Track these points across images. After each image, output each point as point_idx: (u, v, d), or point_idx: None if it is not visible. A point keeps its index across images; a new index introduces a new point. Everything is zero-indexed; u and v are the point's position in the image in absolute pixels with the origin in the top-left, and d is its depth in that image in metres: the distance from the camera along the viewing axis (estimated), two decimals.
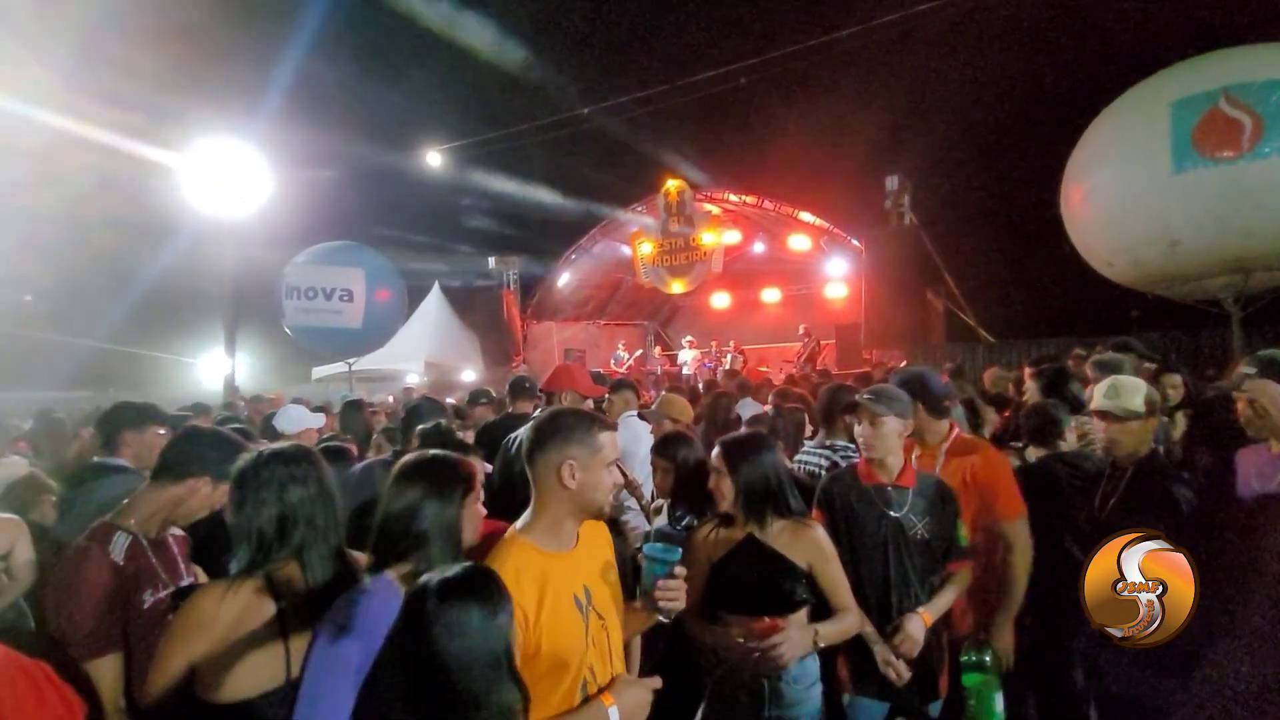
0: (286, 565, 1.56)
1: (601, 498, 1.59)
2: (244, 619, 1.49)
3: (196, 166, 11.56)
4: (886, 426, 2.34)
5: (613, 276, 18.17)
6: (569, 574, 1.58)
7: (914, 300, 12.11)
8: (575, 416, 1.64)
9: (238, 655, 1.47)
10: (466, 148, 14.91)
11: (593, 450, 1.58)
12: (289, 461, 1.60)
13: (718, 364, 14.79)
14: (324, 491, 1.62)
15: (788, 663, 1.94)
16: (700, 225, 14.53)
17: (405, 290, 14.36)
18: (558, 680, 1.50)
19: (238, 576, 1.53)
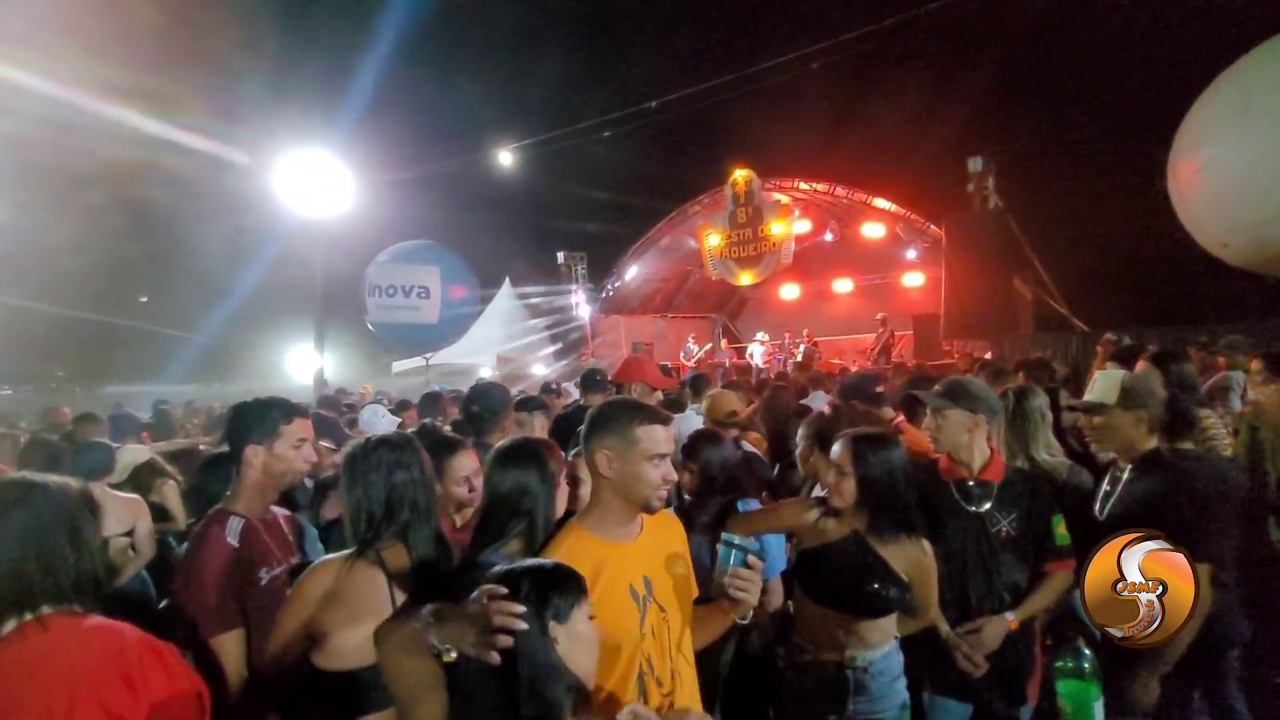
0: (393, 544, 1.66)
1: (644, 490, 1.58)
2: (357, 593, 1.59)
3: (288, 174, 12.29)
4: (950, 420, 2.24)
5: (680, 269, 18.09)
6: (626, 563, 1.59)
7: (999, 288, 11.42)
8: (618, 407, 1.65)
9: (350, 627, 1.56)
10: (535, 146, 15.18)
11: (628, 442, 1.58)
12: (394, 448, 1.70)
13: (788, 356, 14.49)
14: (425, 476, 1.72)
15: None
16: (769, 215, 14.20)
17: (478, 286, 14.82)
18: (609, 665, 1.51)
19: (351, 553, 1.64)
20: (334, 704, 1.59)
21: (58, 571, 1.25)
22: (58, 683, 1.14)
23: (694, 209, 15.71)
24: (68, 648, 1.19)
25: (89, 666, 1.17)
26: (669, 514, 1.83)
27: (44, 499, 1.28)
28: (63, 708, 1.12)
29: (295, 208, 12.48)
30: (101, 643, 1.21)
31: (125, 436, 4.95)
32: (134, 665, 1.19)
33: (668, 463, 1.59)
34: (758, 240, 14.31)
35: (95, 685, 1.15)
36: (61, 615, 1.23)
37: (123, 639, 1.23)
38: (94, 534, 1.32)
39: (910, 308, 14.39)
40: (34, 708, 1.13)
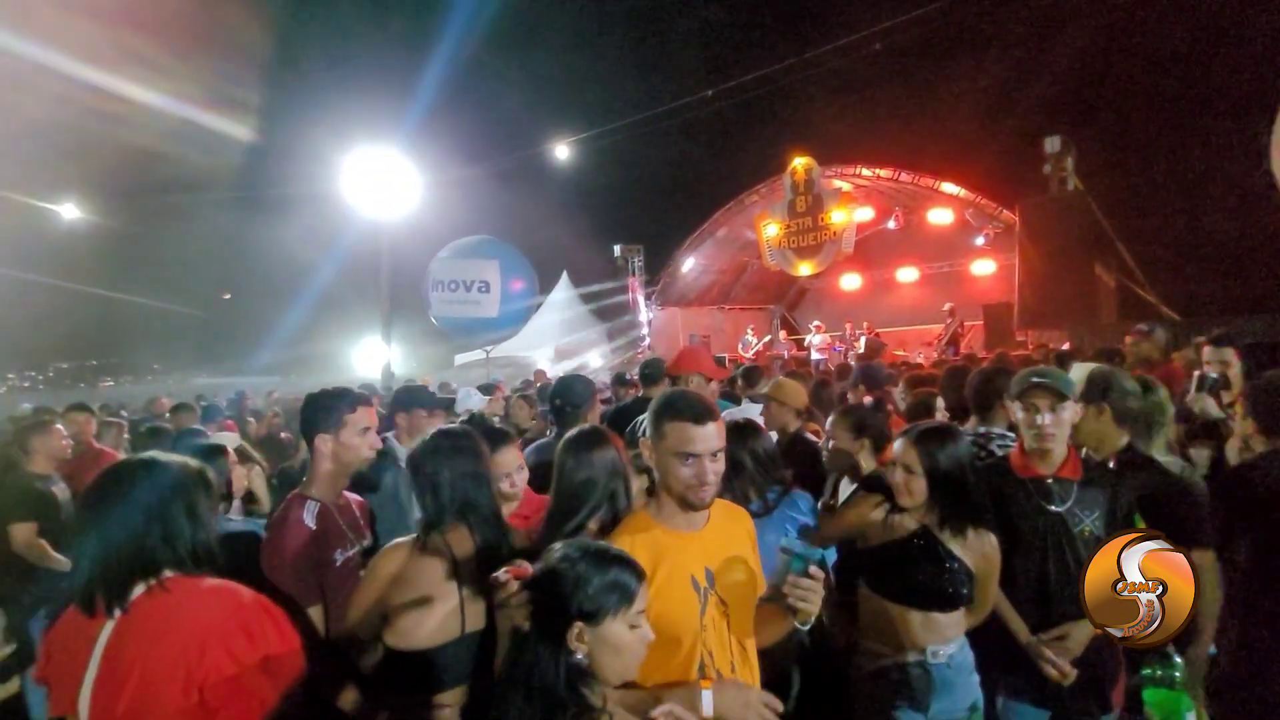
0: (457, 528, 1.74)
1: (675, 485, 1.57)
2: (422, 575, 1.68)
3: (358, 175, 12.80)
4: (1067, 413, 2.12)
5: (737, 260, 17.88)
6: (688, 554, 1.58)
7: (1079, 274, 10.77)
8: (662, 401, 1.65)
9: (417, 608, 1.65)
10: (592, 140, 15.27)
11: (659, 436, 1.58)
12: (453, 438, 1.81)
13: (848, 348, 14.12)
14: (481, 465, 1.81)
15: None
16: (829, 203, 13.83)
17: (536, 279, 15.06)
18: (668, 653, 1.51)
19: (417, 537, 1.73)
20: (406, 682, 1.67)
21: (176, 541, 1.36)
22: (189, 637, 1.27)
23: (751, 199, 15.48)
24: (195, 606, 1.32)
25: (215, 620, 1.29)
26: (738, 508, 1.82)
27: (164, 476, 1.41)
28: (196, 657, 1.24)
29: (365, 207, 12.98)
30: (223, 600, 1.34)
31: (213, 425, 5.29)
32: (251, 619, 1.32)
33: (701, 462, 1.54)
34: (817, 229, 13.97)
35: (222, 636, 1.28)
36: (183, 578, 1.35)
37: (240, 596, 1.35)
38: (208, 507, 1.44)
39: (980, 297, 13.77)
40: (169, 661, 1.25)
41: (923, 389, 4.37)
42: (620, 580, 1.24)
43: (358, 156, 12.82)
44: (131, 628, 1.29)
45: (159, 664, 1.25)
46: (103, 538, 1.34)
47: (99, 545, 1.34)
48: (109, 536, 1.34)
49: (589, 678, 1.21)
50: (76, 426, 4.35)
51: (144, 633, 1.28)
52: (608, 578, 1.22)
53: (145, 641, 1.28)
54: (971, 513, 2.03)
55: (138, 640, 1.28)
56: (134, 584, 1.32)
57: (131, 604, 1.31)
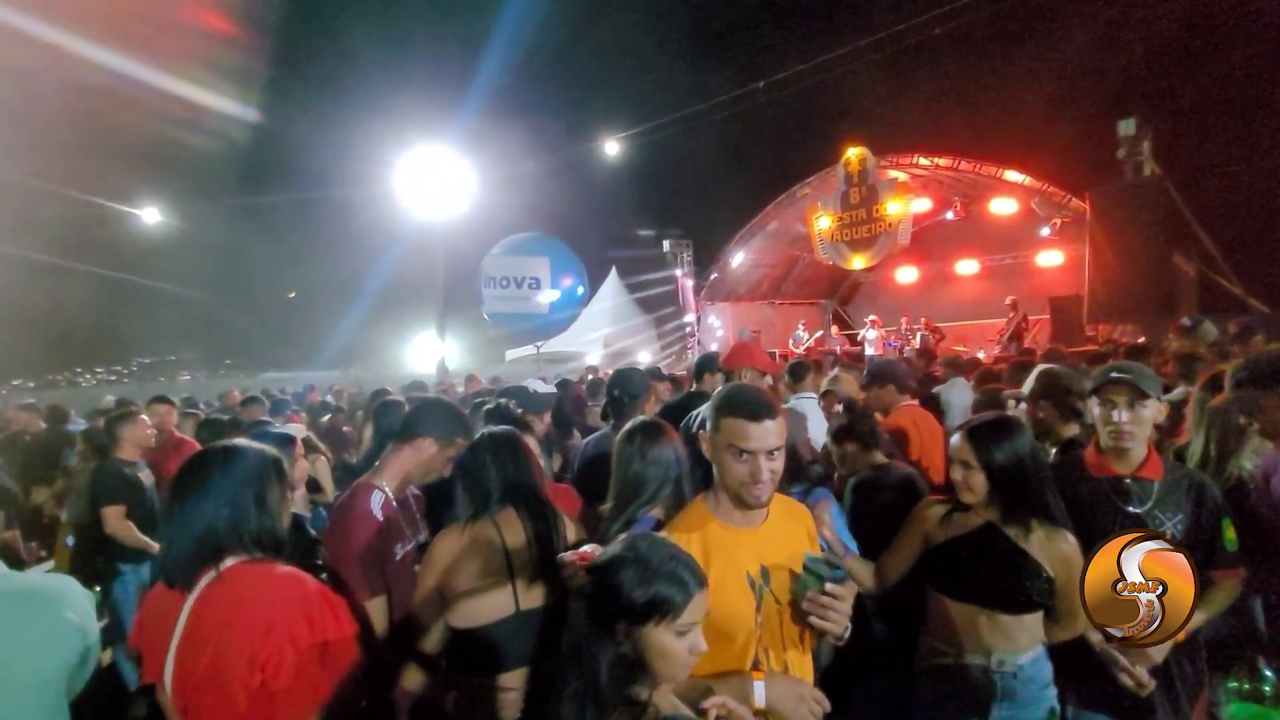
0: (505, 512, 1.81)
1: (730, 481, 1.54)
2: (476, 556, 1.74)
3: (414, 175, 13.17)
4: (1148, 410, 2.00)
5: (788, 254, 17.59)
6: (744, 550, 1.56)
7: (1155, 265, 10.15)
8: (721, 394, 1.62)
9: (474, 588, 1.72)
10: (641, 135, 15.26)
11: (714, 430, 1.56)
12: (498, 431, 1.90)
13: (904, 343, 13.71)
14: (525, 454, 1.88)
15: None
16: (884, 194, 13.44)
17: (586, 275, 15.19)
18: (722, 649, 1.49)
19: (470, 521, 1.81)
20: (469, 662, 1.72)
21: (244, 526, 1.42)
22: (256, 620, 1.32)
23: (803, 191, 15.19)
24: (263, 590, 1.37)
25: (280, 606, 1.34)
26: (800, 506, 1.79)
27: (240, 464, 1.47)
28: (260, 639, 1.30)
29: (420, 207, 13.34)
30: (290, 587, 1.39)
31: (281, 417, 5.53)
32: (313, 607, 1.36)
33: (757, 460, 1.51)
34: (872, 221, 13.59)
35: (286, 622, 1.33)
36: (255, 563, 1.41)
37: (305, 585, 1.40)
38: (278, 497, 1.50)
39: (1045, 289, 13.15)
40: (238, 641, 1.31)
41: (990, 384, 4.22)
42: (664, 594, 1.18)
43: (414, 158, 13.18)
44: (207, 606, 1.36)
45: (229, 643, 1.31)
46: (183, 520, 1.41)
47: (180, 527, 1.41)
48: (188, 519, 1.41)
49: (636, 671, 1.20)
50: (159, 417, 4.61)
51: (217, 612, 1.35)
52: (653, 588, 1.18)
53: (218, 620, 1.33)
54: (1036, 509, 1.93)
55: (212, 618, 1.34)
56: (207, 566, 1.38)
57: (208, 584, 1.37)
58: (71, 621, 1.45)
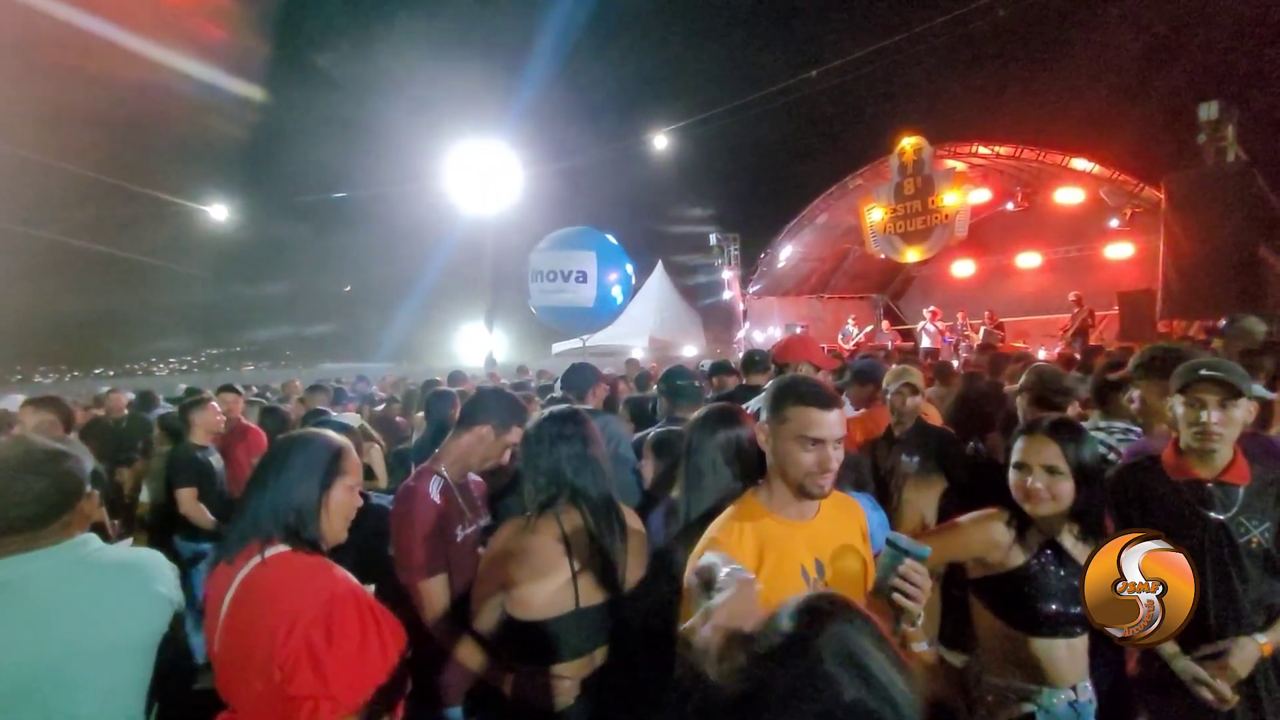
0: (570, 507, 1.80)
1: (794, 472, 1.52)
2: (536, 550, 1.74)
3: (462, 171, 13.42)
4: (1239, 411, 1.87)
5: (838, 248, 17.22)
6: (798, 543, 1.55)
7: (1239, 257, 9.48)
8: (782, 384, 1.61)
9: (533, 581, 1.72)
10: (689, 128, 15.16)
11: (780, 420, 1.54)
12: (560, 422, 1.85)
13: (960, 338, 13.24)
14: (589, 446, 1.84)
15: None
16: (941, 185, 12.98)
17: (632, 269, 15.19)
18: None
19: (532, 514, 1.80)
20: (526, 650, 1.74)
21: (289, 517, 1.44)
22: (281, 616, 1.31)
23: (854, 182, 14.83)
24: (293, 586, 1.37)
25: (305, 606, 1.32)
26: (851, 499, 1.77)
27: (299, 455, 1.50)
28: (283, 634, 1.30)
29: (469, 203, 13.59)
30: (319, 587, 1.37)
31: (338, 407, 5.73)
32: (335, 614, 1.33)
33: (827, 448, 1.50)
34: (927, 213, 13.16)
35: (306, 624, 1.31)
36: (295, 555, 1.42)
37: (335, 586, 1.37)
38: (343, 489, 1.51)
39: (1114, 283, 12.49)
40: (264, 633, 1.32)
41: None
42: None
43: (463, 154, 13.43)
44: (248, 590, 1.38)
45: (258, 633, 1.32)
46: (245, 503, 1.47)
47: (242, 509, 1.47)
48: (248, 503, 1.46)
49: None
50: (226, 405, 4.83)
51: (253, 598, 1.37)
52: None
53: (252, 607, 1.36)
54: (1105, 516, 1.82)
55: (248, 603, 1.37)
56: (254, 549, 1.41)
57: (251, 568, 1.40)
58: (160, 593, 1.54)
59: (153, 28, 16.75)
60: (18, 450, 1.47)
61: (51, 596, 1.40)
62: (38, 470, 1.43)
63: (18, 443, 1.51)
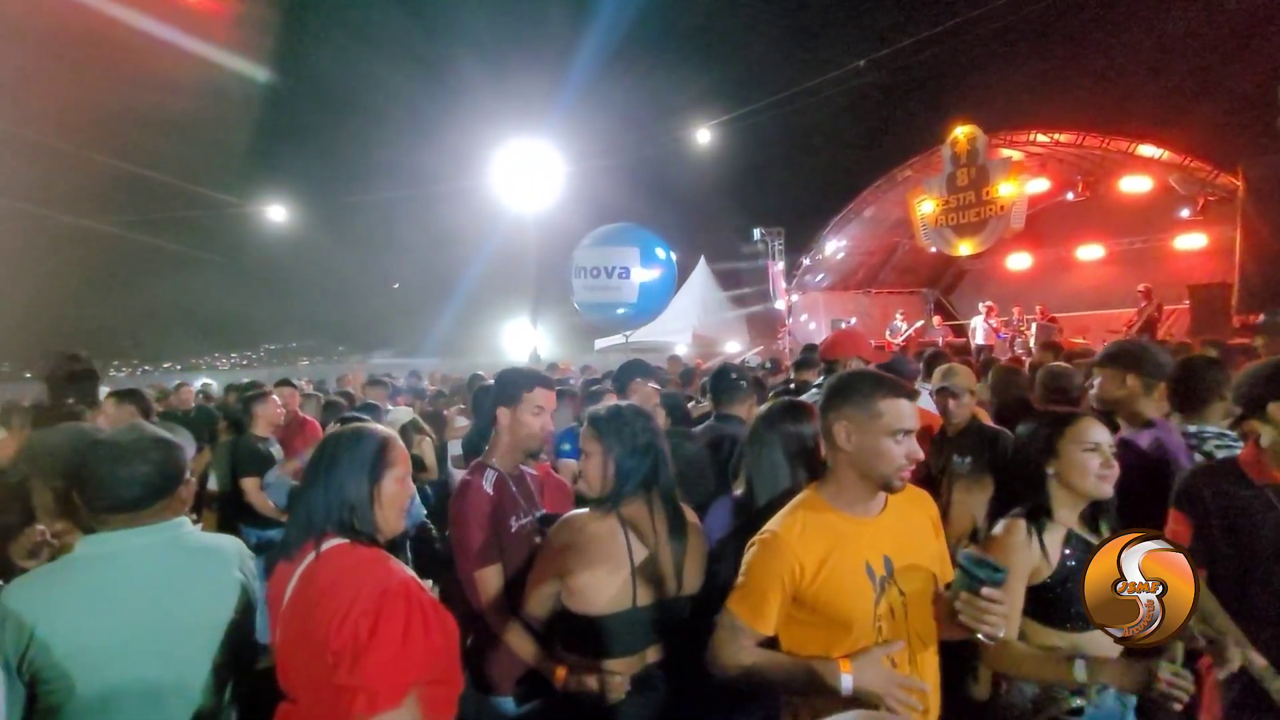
0: (633, 503, 1.79)
1: (884, 467, 1.50)
2: (596, 543, 1.75)
3: (506, 168, 13.60)
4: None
5: (886, 241, 16.82)
6: (865, 540, 1.52)
7: None
8: (861, 378, 1.58)
9: (590, 574, 1.72)
10: (732, 121, 15.00)
11: (870, 415, 1.51)
12: (626, 416, 1.85)
13: (1015, 334, 12.76)
14: (655, 440, 1.84)
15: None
16: (996, 175, 12.52)
17: (675, 265, 15.14)
18: (838, 638, 1.48)
19: (595, 508, 1.80)
20: (581, 643, 1.76)
21: (343, 512, 1.45)
22: (336, 608, 1.32)
23: (904, 174, 14.44)
24: (349, 579, 1.37)
25: (359, 596, 1.33)
26: (921, 491, 1.73)
27: (351, 450, 1.50)
28: (337, 624, 1.31)
29: (513, 200, 13.76)
30: (375, 579, 1.37)
31: (392, 400, 5.89)
32: (385, 608, 1.32)
33: (912, 440, 1.51)
34: (981, 204, 12.71)
35: (356, 615, 1.31)
36: (351, 548, 1.43)
37: (389, 581, 1.37)
38: (393, 481, 1.52)
39: (1184, 276, 11.86)
40: (322, 620, 1.34)
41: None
42: None
43: (506, 151, 13.60)
44: (306, 582, 1.41)
45: (315, 624, 1.34)
46: (301, 498, 1.49)
47: (299, 504, 1.49)
48: (304, 497, 1.48)
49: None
50: (284, 398, 5.01)
51: (310, 590, 1.39)
52: None
53: (311, 600, 1.38)
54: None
55: (306, 595, 1.39)
56: (311, 544, 1.43)
57: (309, 562, 1.42)
58: (239, 579, 1.65)
59: (209, 34, 17.50)
60: (131, 436, 1.58)
61: (148, 571, 1.52)
62: (145, 456, 1.54)
63: (131, 429, 1.62)
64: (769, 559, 1.50)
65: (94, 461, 1.52)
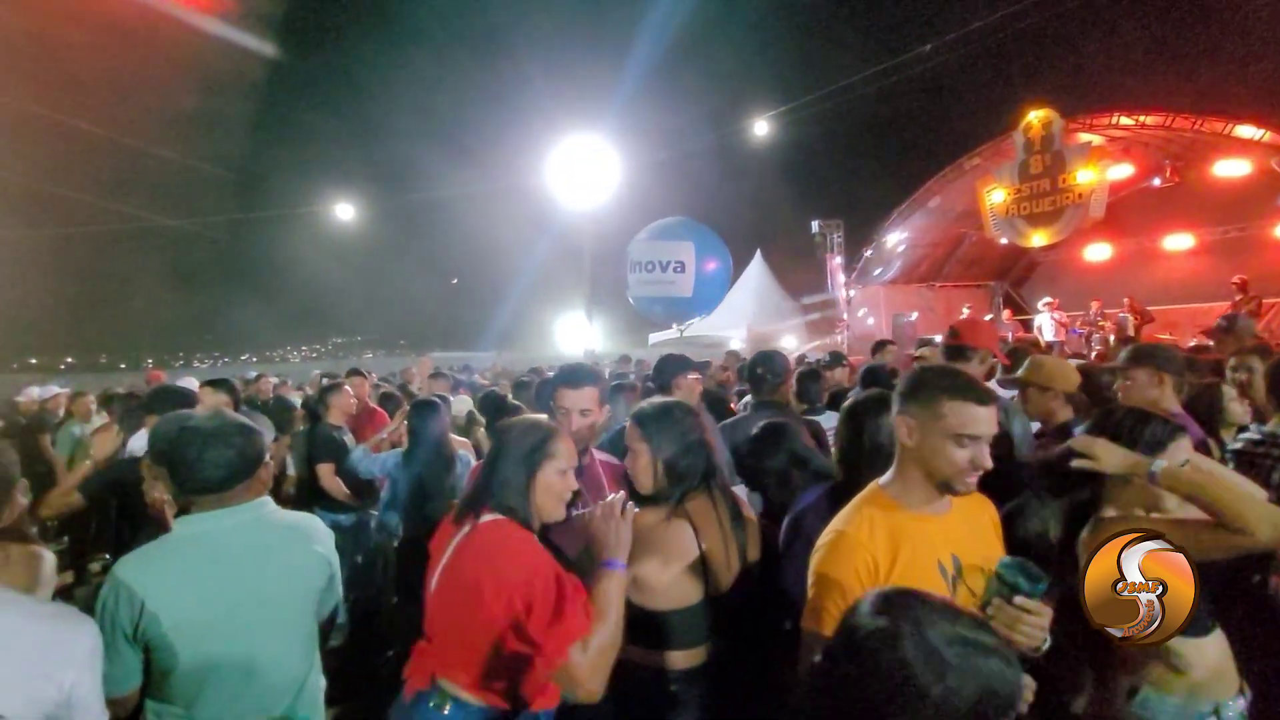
0: (695, 498, 1.79)
1: (944, 469, 1.46)
2: (665, 540, 1.76)
3: (563, 164, 13.75)
4: None
5: (951, 232, 16.17)
6: (932, 537, 1.49)
7: None
8: (932, 375, 1.53)
9: (659, 570, 1.73)
10: (790, 113, 14.71)
11: (933, 415, 1.47)
12: (681, 413, 1.87)
13: (1093, 329, 12.05)
14: (706, 436, 1.85)
15: None
16: (1074, 161, 11.83)
17: (730, 259, 15.00)
18: None
19: (659, 506, 1.81)
20: (643, 635, 1.75)
21: (498, 491, 1.61)
22: (495, 571, 1.48)
23: (971, 163, 13.83)
24: (510, 549, 1.54)
25: (514, 569, 1.48)
26: (982, 495, 1.66)
27: (511, 438, 1.67)
28: (492, 590, 1.46)
29: (569, 197, 13.90)
30: (529, 558, 1.52)
31: (455, 392, 6.06)
32: (537, 588, 1.46)
33: (981, 446, 1.44)
34: (1056, 192, 12.04)
35: (511, 587, 1.46)
36: (504, 524, 1.58)
37: (539, 561, 1.52)
38: (553, 471, 1.66)
39: None
40: (476, 583, 1.49)
41: (1210, 377, 3.54)
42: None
43: (563, 148, 13.74)
44: (464, 549, 1.57)
45: (467, 585, 1.50)
46: (475, 480, 1.68)
47: (471, 485, 1.67)
48: (478, 479, 1.67)
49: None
50: (355, 388, 5.22)
51: (470, 552, 1.55)
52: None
53: (477, 559, 1.53)
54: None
55: (463, 560, 1.55)
56: (471, 514, 1.60)
57: (469, 530, 1.58)
58: (320, 553, 1.81)
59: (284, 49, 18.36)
60: (214, 423, 1.71)
61: (238, 548, 1.66)
62: (228, 441, 1.67)
63: (215, 417, 1.75)
64: (841, 559, 1.47)
65: (182, 446, 1.65)
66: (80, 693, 1.22)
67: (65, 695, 1.20)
